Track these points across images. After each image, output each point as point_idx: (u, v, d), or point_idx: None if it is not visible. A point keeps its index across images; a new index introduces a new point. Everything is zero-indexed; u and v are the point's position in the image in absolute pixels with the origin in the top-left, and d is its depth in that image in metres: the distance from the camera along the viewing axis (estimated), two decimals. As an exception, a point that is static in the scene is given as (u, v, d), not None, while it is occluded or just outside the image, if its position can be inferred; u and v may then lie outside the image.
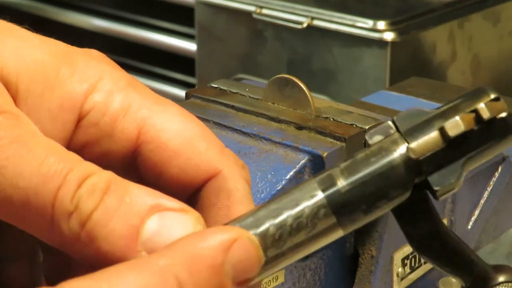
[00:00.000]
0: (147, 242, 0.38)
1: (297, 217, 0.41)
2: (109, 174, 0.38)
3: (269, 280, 0.61)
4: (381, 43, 1.28)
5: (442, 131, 0.42)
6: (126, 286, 0.36)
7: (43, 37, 0.43)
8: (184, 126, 0.41)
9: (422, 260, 0.72)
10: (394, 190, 0.42)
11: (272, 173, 0.59)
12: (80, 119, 0.41)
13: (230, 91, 0.69)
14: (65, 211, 0.37)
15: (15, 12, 2.06)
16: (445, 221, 0.74)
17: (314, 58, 1.36)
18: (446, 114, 0.42)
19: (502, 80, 1.48)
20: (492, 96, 0.42)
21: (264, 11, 1.40)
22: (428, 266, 0.73)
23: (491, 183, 0.78)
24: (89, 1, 1.94)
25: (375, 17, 1.31)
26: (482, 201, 0.77)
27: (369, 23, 1.30)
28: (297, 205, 0.41)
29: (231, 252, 0.37)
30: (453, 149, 0.42)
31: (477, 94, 0.43)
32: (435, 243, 0.45)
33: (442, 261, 0.45)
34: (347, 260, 0.68)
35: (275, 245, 0.41)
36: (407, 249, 0.70)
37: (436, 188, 0.42)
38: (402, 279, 0.70)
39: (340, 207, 0.41)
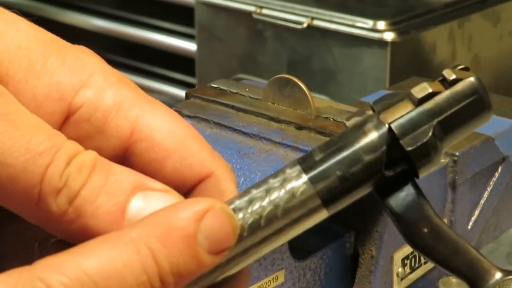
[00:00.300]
0: (133, 219, 0.39)
1: (276, 188, 0.41)
2: (94, 153, 0.39)
3: (269, 280, 0.61)
4: (381, 43, 1.28)
5: (410, 95, 0.43)
6: (98, 258, 0.36)
7: (32, 24, 0.42)
8: (176, 126, 0.41)
9: (422, 260, 0.72)
10: (366, 154, 0.42)
11: (272, 173, 0.59)
12: (70, 113, 0.40)
13: (230, 91, 0.69)
14: (54, 188, 0.38)
15: (15, 12, 2.06)
16: (445, 221, 0.74)
17: (314, 58, 1.36)
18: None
19: (502, 80, 1.48)
20: (461, 66, 0.43)
21: (264, 11, 1.40)
22: (428, 266, 0.73)
23: (491, 183, 0.78)
24: (89, 1, 1.94)
25: (375, 17, 1.31)
26: (482, 201, 0.77)
27: (369, 23, 1.30)
28: (278, 180, 0.42)
29: (204, 222, 0.37)
30: (423, 112, 0.43)
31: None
32: (430, 236, 0.44)
33: (440, 256, 0.45)
34: (347, 260, 0.68)
35: (256, 227, 0.41)
36: (407, 249, 0.70)
37: (408, 148, 0.42)
38: (402, 279, 0.70)
39: (315, 173, 0.41)
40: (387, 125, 0.42)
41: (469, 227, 0.78)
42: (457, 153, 0.72)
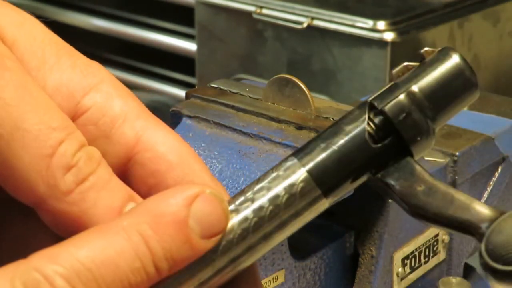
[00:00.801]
0: None
1: (278, 189, 0.42)
2: (99, 152, 0.40)
3: (269, 280, 0.61)
4: (381, 43, 1.28)
5: (389, 75, 0.44)
6: (91, 247, 0.37)
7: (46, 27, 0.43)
8: (179, 144, 0.42)
9: (422, 260, 0.72)
10: (347, 125, 0.43)
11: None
12: (77, 114, 0.41)
13: (230, 91, 0.69)
14: (64, 164, 0.38)
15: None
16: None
17: (314, 58, 1.36)
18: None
19: (502, 80, 1.48)
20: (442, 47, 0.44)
21: (264, 11, 1.40)
22: (428, 266, 0.73)
23: (491, 183, 0.78)
24: (89, 1, 1.94)
25: (375, 17, 1.31)
26: (482, 201, 0.77)
27: (369, 23, 1.30)
28: (277, 176, 0.42)
29: (194, 206, 0.38)
30: (398, 83, 0.44)
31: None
32: (419, 189, 0.44)
33: (433, 209, 0.45)
34: (347, 260, 0.68)
35: (261, 219, 0.41)
36: (407, 249, 0.70)
37: (383, 107, 0.42)
38: (402, 279, 0.70)
39: (300, 150, 0.42)
40: (368, 101, 0.43)
41: (469, 227, 0.78)
42: (457, 153, 0.72)
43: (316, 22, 1.35)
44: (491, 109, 0.84)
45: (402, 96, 0.43)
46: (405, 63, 0.45)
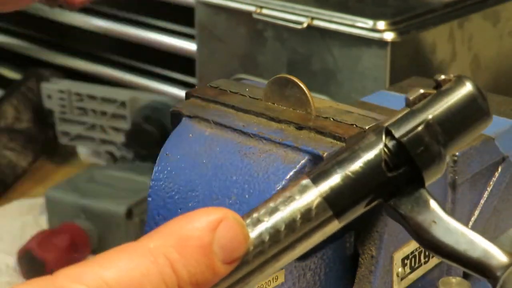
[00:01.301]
0: None
1: (292, 211, 0.42)
2: None
3: (269, 280, 0.61)
4: (381, 43, 1.28)
5: (406, 100, 0.45)
6: (117, 268, 0.37)
7: None
8: None
9: (422, 260, 0.72)
10: (364, 152, 0.44)
11: (272, 173, 0.59)
12: None
13: (230, 91, 0.69)
14: None
15: (15, 12, 2.05)
16: (445, 221, 0.74)
17: (314, 58, 1.36)
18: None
19: (502, 80, 1.48)
20: (457, 75, 0.45)
21: (264, 11, 1.40)
22: (428, 266, 0.73)
23: (491, 183, 0.78)
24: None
25: (375, 17, 1.31)
26: (482, 201, 0.77)
27: (369, 23, 1.30)
28: (291, 198, 0.42)
29: (218, 232, 0.39)
30: (415, 110, 0.44)
31: None
32: (434, 226, 0.44)
33: (447, 252, 0.45)
34: (347, 260, 0.68)
35: (275, 241, 0.41)
36: (407, 249, 0.70)
37: (402, 139, 0.43)
38: (402, 279, 0.70)
39: (316, 173, 0.42)
40: (384, 127, 0.43)
41: (469, 227, 0.78)
42: (457, 153, 0.72)
43: (316, 22, 1.35)
44: (491, 109, 0.84)
45: (421, 129, 0.43)
46: (422, 91, 0.45)
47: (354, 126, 0.61)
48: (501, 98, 0.89)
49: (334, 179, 0.42)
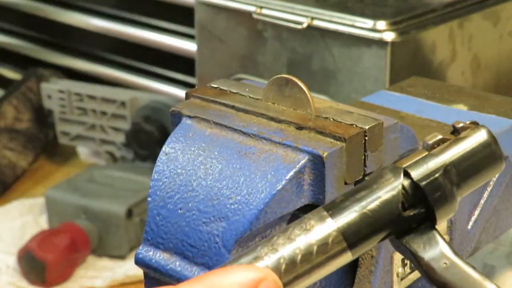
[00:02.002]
0: None
1: (309, 243, 0.44)
2: None
3: (269, 280, 0.61)
4: (381, 43, 1.28)
5: (424, 143, 0.47)
6: None
7: None
8: None
9: (422, 260, 0.72)
10: (383, 191, 0.46)
11: (272, 173, 0.59)
12: None
13: (230, 91, 0.69)
14: None
15: (15, 12, 2.06)
16: (444, 221, 0.74)
17: (314, 58, 1.36)
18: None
19: (502, 80, 1.48)
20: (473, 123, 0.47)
21: (264, 11, 1.40)
22: (428, 266, 0.73)
23: (491, 183, 0.78)
24: (89, 1, 1.94)
25: (375, 17, 1.31)
26: (482, 201, 0.77)
27: (369, 23, 1.30)
28: (309, 230, 0.44)
29: None
30: (433, 155, 0.46)
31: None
32: (444, 267, 0.46)
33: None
34: (347, 260, 0.68)
35: (290, 271, 0.43)
36: (407, 249, 0.70)
37: (420, 183, 0.45)
38: (402, 279, 0.70)
39: (336, 211, 0.44)
40: (402, 168, 0.45)
41: (469, 227, 0.78)
42: (457, 153, 0.72)
43: (316, 22, 1.35)
44: (491, 109, 0.84)
45: (439, 174, 0.46)
46: (440, 136, 0.48)
47: (354, 126, 0.61)
48: (501, 98, 0.89)
49: (352, 217, 0.45)
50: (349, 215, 0.45)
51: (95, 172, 1.63)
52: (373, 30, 1.29)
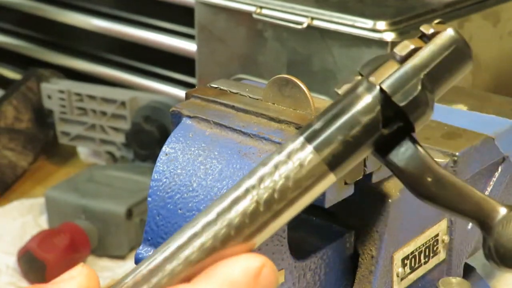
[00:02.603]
0: None
1: (284, 156, 0.44)
2: None
3: (269, 280, 0.61)
4: (381, 43, 1.28)
5: (393, 55, 0.46)
6: None
7: None
8: None
9: (422, 260, 0.72)
10: (363, 116, 0.45)
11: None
12: None
13: (230, 91, 0.69)
14: None
15: (15, 12, 2.06)
16: (444, 221, 0.74)
17: (314, 58, 1.36)
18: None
19: (502, 80, 1.48)
20: (437, 20, 0.46)
21: (264, 11, 1.40)
22: (428, 266, 0.73)
23: (491, 183, 0.78)
24: (89, 1, 1.94)
25: (375, 17, 1.31)
26: (482, 201, 0.77)
27: (369, 23, 1.30)
28: (281, 151, 0.44)
29: (260, 278, 0.43)
30: (409, 68, 0.46)
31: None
32: (434, 184, 0.46)
33: (447, 201, 0.47)
34: (347, 260, 0.68)
35: (277, 199, 0.43)
36: (407, 249, 0.70)
37: (401, 104, 0.45)
38: (402, 279, 0.70)
39: (319, 141, 0.44)
40: (378, 86, 0.45)
41: (469, 227, 0.78)
42: (457, 153, 0.72)
43: (316, 22, 1.35)
44: (491, 109, 0.84)
45: (418, 93, 0.45)
46: (412, 46, 0.47)
47: (354, 126, 0.61)
48: (501, 98, 0.89)
49: (336, 145, 0.44)
50: (332, 145, 0.44)
51: (95, 172, 1.63)
52: (373, 30, 1.29)
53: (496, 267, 0.45)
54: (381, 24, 1.29)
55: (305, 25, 1.35)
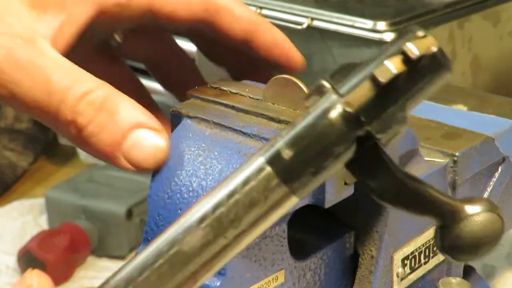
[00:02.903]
0: (126, 150, 0.54)
1: (248, 193, 0.42)
2: (106, 91, 0.53)
3: (269, 281, 0.61)
4: (381, 43, 1.28)
5: (373, 78, 0.43)
6: None
7: None
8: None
9: (422, 260, 0.72)
10: (337, 146, 0.42)
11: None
12: None
13: (230, 91, 0.69)
14: (65, 122, 0.51)
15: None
16: (445, 221, 0.74)
17: (314, 58, 1.36)
18: (375, 61, 0.43)
19: (502, 80, 1.48)
20: (419, 34, 0.43)
21: (264, 11, 1.40)
22: (428, 266, 0.73)
23: (491, 183, 0.78)
24: (89, 2, 1.94)
25: (375, 17, 1.31)
26: (482, 202, 0.77)
27: (369, 23, 1.30)
28: (246, 182, 0.42)
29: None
30: (388, 94, 0.43)
31: (403, 34, 0.43)
32: (395, 190, 0.45)
33: (408, 206, 0.46)
34: (347, 260, 0.68)
35: (233, 226, 0.42)
36: (407, 249, 0.70)
37: (378, 136, 0.42)
38: (402, 279, 0.70)
39: (288, 175, 0.42)
40: (354, 114, 0.42)
41: (469, 227, 0.78)
42: (457, 153, 0.72)
43: (316, 23, 1.35)
44: (491, 109, 0.84)
45: (397, 127, 0.43)
46: (395, 71, 0.43)
47: (354, 126, 0.61)
48: (501, 98, 0.89)
49: (307, 177, 0.43)
50: (303, 177, 0.43)
51: (95, 172, 1.63)
52: (373, 30, 1.29)
53: (450, 258, 0.46)
54: (381, 25, 1.29)
55: (305, 26, 1.35)
